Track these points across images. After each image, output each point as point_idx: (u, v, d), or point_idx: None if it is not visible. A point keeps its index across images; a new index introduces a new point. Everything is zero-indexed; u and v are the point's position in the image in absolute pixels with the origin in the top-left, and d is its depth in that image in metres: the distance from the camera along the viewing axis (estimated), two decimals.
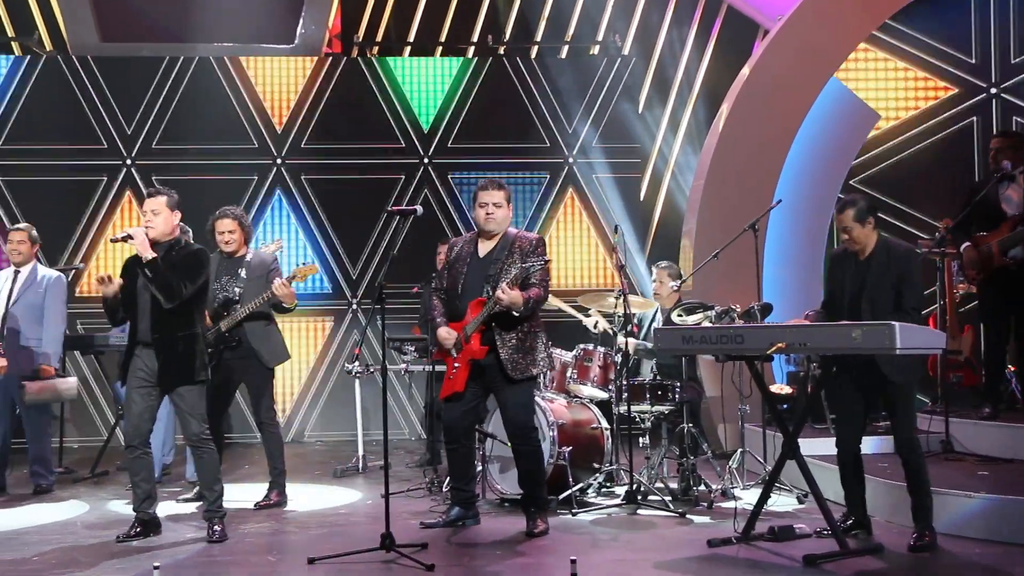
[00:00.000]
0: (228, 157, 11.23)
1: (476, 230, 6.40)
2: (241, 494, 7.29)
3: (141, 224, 6.13)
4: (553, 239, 11.32)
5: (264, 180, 11.29)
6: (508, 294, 5.92)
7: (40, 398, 7.79)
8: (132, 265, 6.15)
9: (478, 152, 11.41)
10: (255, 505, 7.01)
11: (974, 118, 10.59)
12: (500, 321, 6.07)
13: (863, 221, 5.77)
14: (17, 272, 7.85)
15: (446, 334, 6.21)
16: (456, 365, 6.20)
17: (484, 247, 6.29)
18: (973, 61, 10.57)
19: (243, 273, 7.08)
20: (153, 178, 10.98)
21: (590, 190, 11.43)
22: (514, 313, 6.02)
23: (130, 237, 5.99)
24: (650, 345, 7.76)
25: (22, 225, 8.16)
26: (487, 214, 6.23)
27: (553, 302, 7.68)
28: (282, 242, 7.46)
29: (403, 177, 11.39)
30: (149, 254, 5.95)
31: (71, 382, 8.19)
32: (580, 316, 8.40)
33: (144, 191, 10.91)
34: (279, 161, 11.34)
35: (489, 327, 6.09)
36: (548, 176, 11.49)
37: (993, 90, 10.56)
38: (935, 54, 10.53)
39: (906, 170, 10.54)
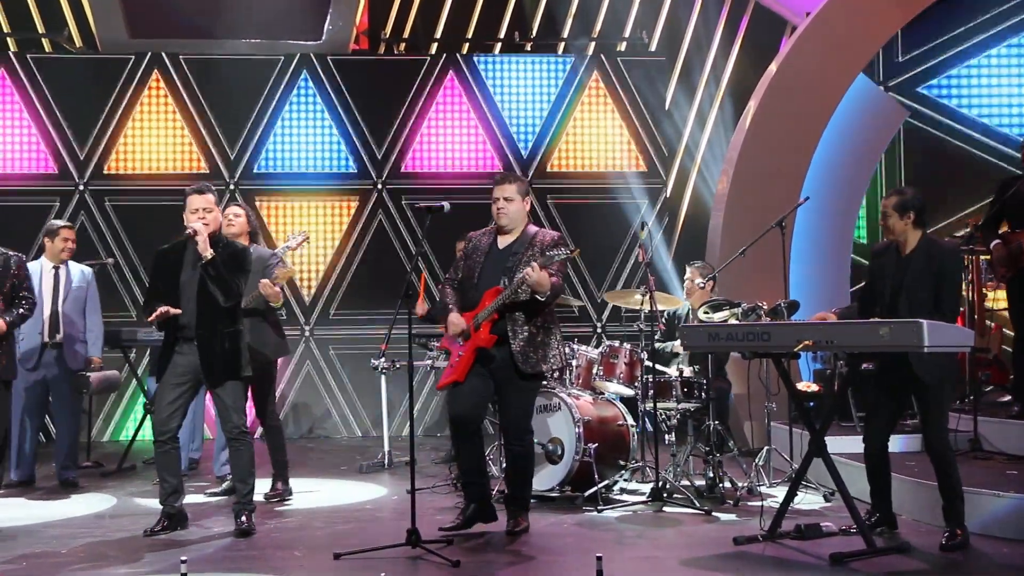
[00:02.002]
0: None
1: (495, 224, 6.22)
2: (265, 489, 7.32)
3: (191, 219, 6.05)
4: (577, 121, 11.48)
5: (290, 62, 11.34)
6: (536, 272, 5.75)
7: (101, 387, 8.38)
8: (166, 258, 6.16)
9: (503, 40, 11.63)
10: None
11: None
12: (515, 312, 5.93)
13: (901, 213, 5.77)
14: (56, 268, 7.93)
15: (455, 319, 6.05)
16: (460, 354, 6.03)
17: (503, 241, 6.14)
18: None
19: None
20: (181, 58, 11.12)
21: (615, 75, 11.48)
22: (538, 298, 5.85)
23: (196, 233, 5.96)
24: (668, 348, 7.77)
25: (68, 223, 8.37)
26: (498, 209, 6.08)
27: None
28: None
29: (428, 59, 11.47)
30: (209, 253, 5.94)
31: (116, 372, 8.61)
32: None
33: (175, 75, 11.05)
34: None
35: (502, 318, 5.92)
36: (573, 59, 11.54)
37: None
38: None
39: None
